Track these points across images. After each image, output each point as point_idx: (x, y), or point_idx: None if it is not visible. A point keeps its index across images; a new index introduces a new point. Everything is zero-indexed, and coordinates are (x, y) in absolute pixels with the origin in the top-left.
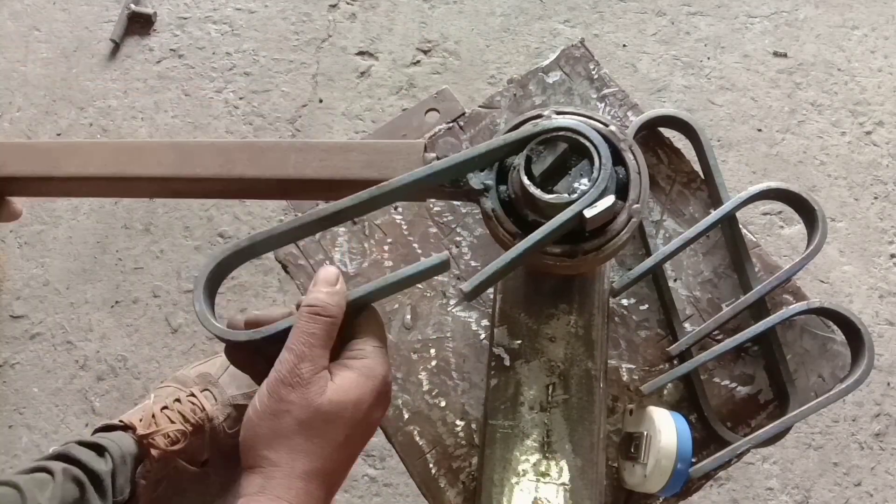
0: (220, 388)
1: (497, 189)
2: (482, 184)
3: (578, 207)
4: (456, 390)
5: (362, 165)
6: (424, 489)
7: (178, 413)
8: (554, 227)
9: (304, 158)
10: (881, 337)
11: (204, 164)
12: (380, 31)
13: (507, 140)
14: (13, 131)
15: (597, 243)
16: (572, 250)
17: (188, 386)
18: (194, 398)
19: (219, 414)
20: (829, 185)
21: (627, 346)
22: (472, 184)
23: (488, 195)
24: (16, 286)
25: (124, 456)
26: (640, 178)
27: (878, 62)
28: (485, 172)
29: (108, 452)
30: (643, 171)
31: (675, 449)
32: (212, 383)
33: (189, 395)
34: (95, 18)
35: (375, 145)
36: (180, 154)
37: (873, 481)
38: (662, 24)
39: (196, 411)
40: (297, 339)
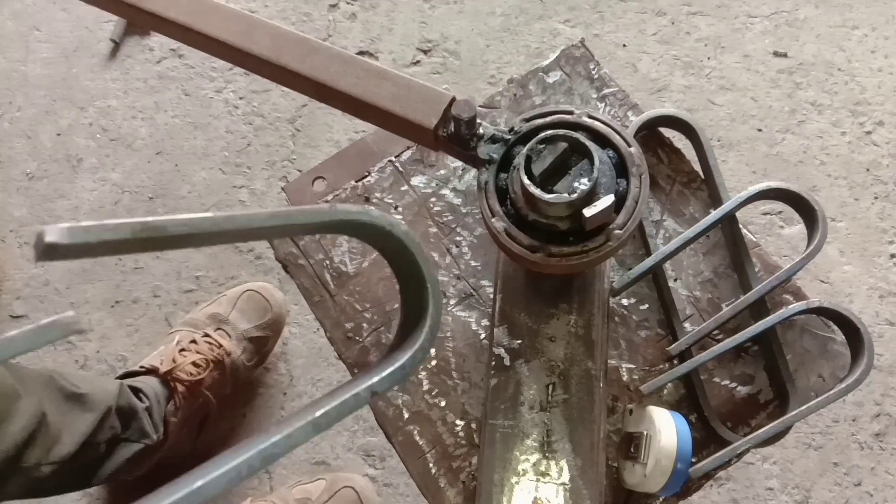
0: (231, 324)
1: (497, 174)
2: (489, 155)
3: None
4: (456, 390)
5: (389, 96)
6: (424, 489)
7: (196, 353)
8: None
9: (343, 70)
10: (881, 337)
11: (259, 44)
12: (380, 31)
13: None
14: (13, 131)
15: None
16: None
17: (200, 328)
18: (209, 337)
19: (236, 349)
20: (829, 185)
21: (627, 346)
22: (479, 152)
23: (488, 169)
24: (16, 286)
25: (157, 395)
26: (636, 206)
27: (878, 62)
28: (497, 145)
29: (142, 392)
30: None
31: (675, 449)
32: (223, 321)
33: (204, 335)
34: (95, 18)
35: (409, 83)
36: (246, 27)
37: (873, 481)
38: (662, 24)
39: (213, 349)
40: None
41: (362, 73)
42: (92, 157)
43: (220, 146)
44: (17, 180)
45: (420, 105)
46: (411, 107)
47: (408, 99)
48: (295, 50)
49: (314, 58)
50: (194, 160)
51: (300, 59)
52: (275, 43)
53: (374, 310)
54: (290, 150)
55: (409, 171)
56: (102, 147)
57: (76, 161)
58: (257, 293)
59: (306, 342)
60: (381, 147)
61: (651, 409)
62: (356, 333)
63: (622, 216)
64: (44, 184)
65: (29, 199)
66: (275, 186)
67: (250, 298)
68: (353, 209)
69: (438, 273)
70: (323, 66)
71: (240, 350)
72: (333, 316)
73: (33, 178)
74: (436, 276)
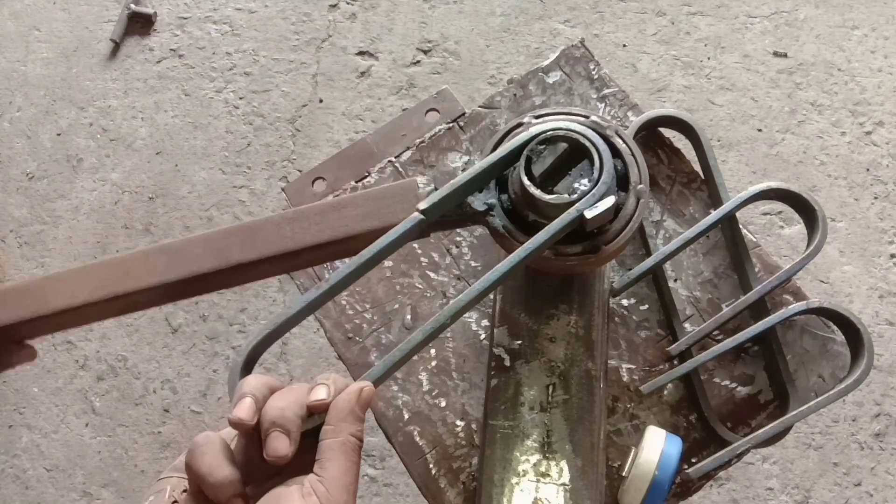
0: None
1: (500, 200)
2: (485, 204)
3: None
4: (456, 390)
5: (360, 218)
6: (424, 489)
7: None
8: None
9: (299, 227)
10: (881, 337)
11: (196, 261)
12: (380, 31)
13: (495, 158)
14: (13, 131)
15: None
16: (592, 245)
17: None
18: None
19: None
20: (829, 185)
21: (627, 346)
22: (475, 207)
23: (494, 213)
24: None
25: None
26: (636, 160)
27: (878, 62)
28: (484, 192)
29: None
30: (636, 151)
31: (654, 467)
32: None
33: None
34: (95, 18)
35: (367, 195)
36: (169, 256)
37: (873, 481)
38: (662, 24)
39: None
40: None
41: (318, 217)
42: (92, 157)
43: (220, 146)
44: (17, 180)
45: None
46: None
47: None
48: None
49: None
50: (194, 160)
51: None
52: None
53: (374, 310)
54: (290, 150)
55: (409, 171)
56: (102, 147)
57: (76, 161)
58: None
59: (306, 342)
60: (381, 147)
61: (650, 428)
62: (356, 333)
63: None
64: (44, 184)
65: (29, 199)
66: (275, 186)
67: None
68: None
69: (438, 273)
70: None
71: None
72: (333, 316)
73: (33, 178)
74: None
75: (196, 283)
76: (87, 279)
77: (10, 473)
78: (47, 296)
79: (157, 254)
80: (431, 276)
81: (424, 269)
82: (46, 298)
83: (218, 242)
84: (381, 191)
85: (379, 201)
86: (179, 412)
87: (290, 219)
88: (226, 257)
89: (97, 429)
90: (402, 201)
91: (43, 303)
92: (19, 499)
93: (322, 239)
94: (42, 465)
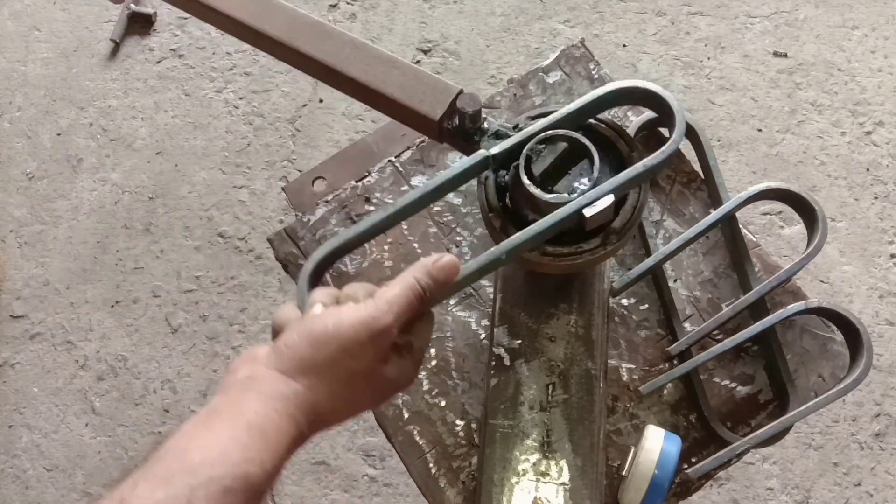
0: None
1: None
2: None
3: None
4: (456, 390)
5: (398, 85)
6: (424, 489)
7: None
8: None
9: (354, 56)
10: (881, 337)
11: (274, 25)
12: (380, 31)
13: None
14: (13, 131)
15: None
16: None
17: None
18: None
19: None
20: (829, 185)
21: (627, 346)
22: (482, 147)
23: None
24: (16, 286)
25: None
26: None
27: (878, 62)
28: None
29: None
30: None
31: (653, 467)
32: None
33: None
34: (95, 18)
35: (417, 73)
36: (262, 7)
37: (873, 481)
38: (662, 24)
39: None
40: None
41: (372, 60)
42: (92, 157)
43: (220, 146)
44: (17, 180)
45: (427, 96)
46: (418, 97)
47: (415, 89)
48: (308, 33)
49: (327, 42)
50: (194, 160)
51: (313, 42)
52: (289, 25)
53: None
54: (290, 150)
55: (409, 171)
56: (102, 147)
57: (76, 161)
58: None
59: None
60: (381, 147)
61: (649, 427)
62: None
63: (620, 219)
64: (44, 184)
65: (29, 199)
66: (275, 186)
67: None
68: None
69: None
70: (334, 50)
71: None
72: None
73: (33, 178)
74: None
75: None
76: None
77: (10, 473)
78: None
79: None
80: None
81: None
82: None
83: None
84: (428, 77)
85: (420, 84)
86: (179, 412)
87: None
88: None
89: (97, 429)
90: (435, 96)
91: None
92: (19, 499)
93: (361, 78)
94: (42, 465)
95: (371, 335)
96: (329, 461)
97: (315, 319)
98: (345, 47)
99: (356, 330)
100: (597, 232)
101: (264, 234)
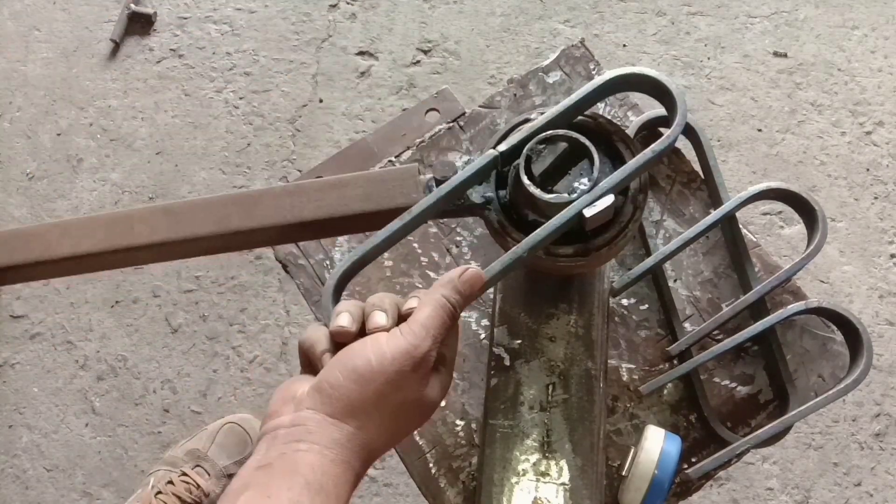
0: (210, 461)
1: (497, 196)
2: (483, 197)
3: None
4: (456, 390)
5: (359, 199)
6: (424, 489)
7: (173, 495)
8: None
9: (299, 202)
10: (881, 337)
11: (197, 225)
12: (380, 31)
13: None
14: (13, 131)
15: None
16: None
17: (178, 466)
18: (187, 477)
19: (214, 487)
20: (829, 185)
21: (627, 346)
22: (473, 199)
23: (491, 207)
24: (16, 286)
25: None
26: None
27: (878, 62)
28: (483, 185)
29: None
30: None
31: (653, 467)
32: (202, 458)
33: (181, 475)
34: (95, 18)
35: (368, 176)
36: (172, 218)
37: (873, 481)
38: (662, 24)
39: (191, 490)
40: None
41: (318, 193)
42: (92, 157)
43: (220, 146)
44: (17, 180)
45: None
46: (386, 196)
47: (378, 192)
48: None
49: (262, 206)
50: (194, 160)
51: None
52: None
53: None
54: (290, 150)
55: None
56: (102, 147)
57: (76, 161)
58: (238, 426)
59: None
60: (381, 147)
61: (649, 427)
62: None
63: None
64: (44, 184)
65: (29, 199)
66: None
67: (230, 431)
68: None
69: (438, 273)
70: (275, 208)
71: (219, 489)
72: None
73: (33, 178)
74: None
75: (195, 245)
76: (93, 230)
77: (10, 473)
78: (52, 242)
79: (161, 213)
80: (431, 276)
81: (424, 268)
82: (51, 244)
83: (219, 209)
84: (383, 173)
85: (379, 184)
86: (179, 412)
87: (291, 192)
88: (225, 224)
89: (97, 429)
90: (402, 185)
91: (47, 248)
92: (19, 499)
93: (319, 215)
94: (42, 465)
95: (414, 365)
96: None
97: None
98: (283, 198)
99: (401, 362)
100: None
101: None
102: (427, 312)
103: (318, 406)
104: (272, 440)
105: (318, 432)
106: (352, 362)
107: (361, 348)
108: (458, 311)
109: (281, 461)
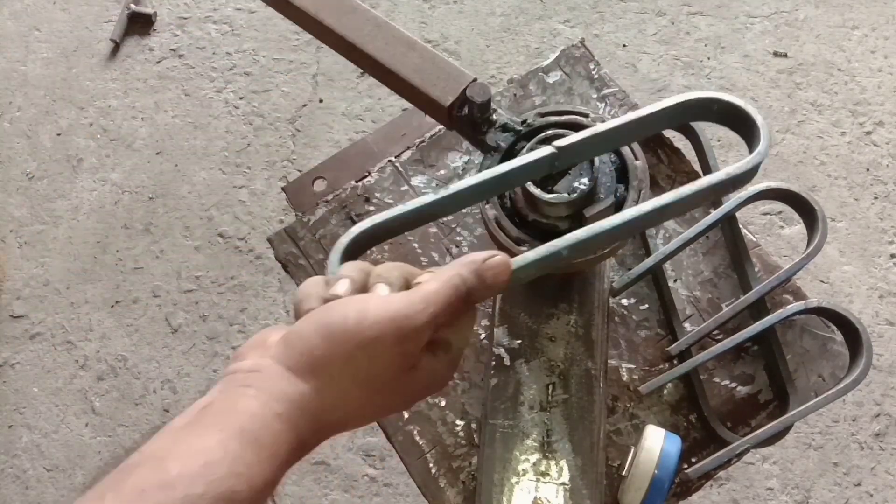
0: None
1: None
2: (496, 142)
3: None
4: (456, 390)
5: (413, 67)
6: (424, 489)
7: None
8: None
9: (374, 34)
10: (881, 337)
11: None
12: None
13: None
14: (13, 131)
15: None
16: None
17: None
18: None
19: None
20: (829, 185)
21: (627, 346)
22: (488, 138)
23: (492, 156)
24: (16, 286)
25: None
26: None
27: (878, 62)
28: (507, 134)
29: None
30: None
31: (653, 466)
32: None
33: None
34: (95, 18)
35: (434, 57)
36: None
37: (873, 481)
38: (662, 24)
39: None
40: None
41: (392, 39)
42: (92, 157)
43: (220, 146)
44: (17, 180)
45: (440, 81)
46: (431, 81)
47: (429, 73)
48: (334, 6)
49: (350, 17)
50: (194, 160)
51: (337, 16)
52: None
53: None
54: (290, 150)
55: (409, 172)
56: (102, 147)
57: (76, 161)
58: None
59: None
60: (381, 147)
61: (649, 427)
62: None
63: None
64: (44, 184)
65: (29, 199)
66: (275, 186)
67: None
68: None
69: None
70: (356, 26)
71: None
72: None
73: (33, 178)
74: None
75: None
76: None
77: (10, 473)
78: None
79: None
80: None
81: (424, 268)
82: None
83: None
84: (444, 63)
85: (435, 68)
86: (179, 412)
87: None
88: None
89: (97, 429)
90: (451, 84)
91: None
92: (19, 499)
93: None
94: (42, 465)
95: (398, 336)
96: (329, 461)
97: (335, 309)
98: (367, 24)
99: (381, 328)
100: None
101: (264, 234)
102: (434, 287)
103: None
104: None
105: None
106: (327, 317)
107: (343, 304)
108: (472, 296)
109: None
